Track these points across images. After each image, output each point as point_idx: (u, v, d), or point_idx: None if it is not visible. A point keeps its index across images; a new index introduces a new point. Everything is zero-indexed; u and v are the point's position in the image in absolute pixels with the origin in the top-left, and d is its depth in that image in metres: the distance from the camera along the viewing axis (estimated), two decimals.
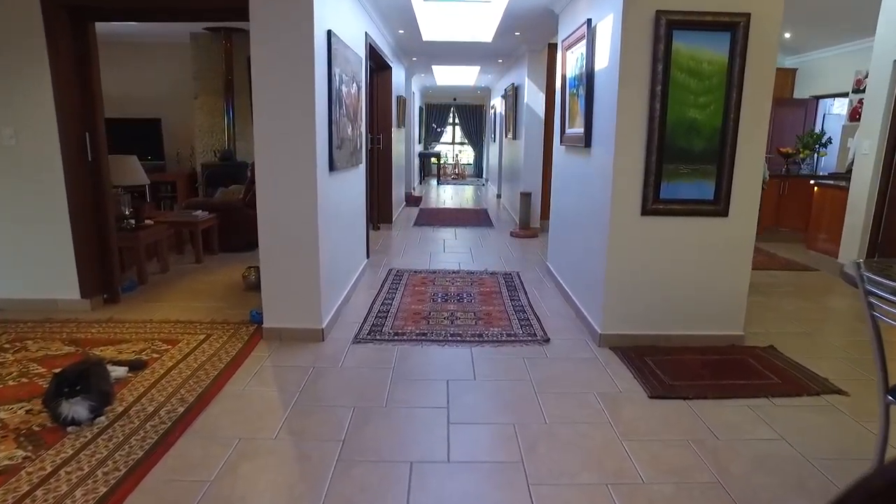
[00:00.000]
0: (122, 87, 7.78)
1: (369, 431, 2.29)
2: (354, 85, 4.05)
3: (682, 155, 3.04)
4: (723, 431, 2.33)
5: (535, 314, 3.81)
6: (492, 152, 13.56)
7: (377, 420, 2.39)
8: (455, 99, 15.45)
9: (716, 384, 2.76)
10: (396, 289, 4.39)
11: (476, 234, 6.87)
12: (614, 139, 3.04)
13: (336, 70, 3.39)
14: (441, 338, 3.34)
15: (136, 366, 2.79)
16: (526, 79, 6.81)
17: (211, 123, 7.45)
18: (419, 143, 13.81)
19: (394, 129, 7.18)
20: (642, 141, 3.03)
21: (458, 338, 3.34)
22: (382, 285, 4.49)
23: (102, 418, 2.28)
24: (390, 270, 4.96)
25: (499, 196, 10.95)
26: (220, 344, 3.18)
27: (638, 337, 3.24)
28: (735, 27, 2.89)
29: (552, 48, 6.60)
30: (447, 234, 6.81)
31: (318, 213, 3.12)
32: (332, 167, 3.38)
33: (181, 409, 2.41)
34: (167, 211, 7.44)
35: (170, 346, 3.13)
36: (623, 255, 3.15)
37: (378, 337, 3.34)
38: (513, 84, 7.81)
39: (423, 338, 3.34)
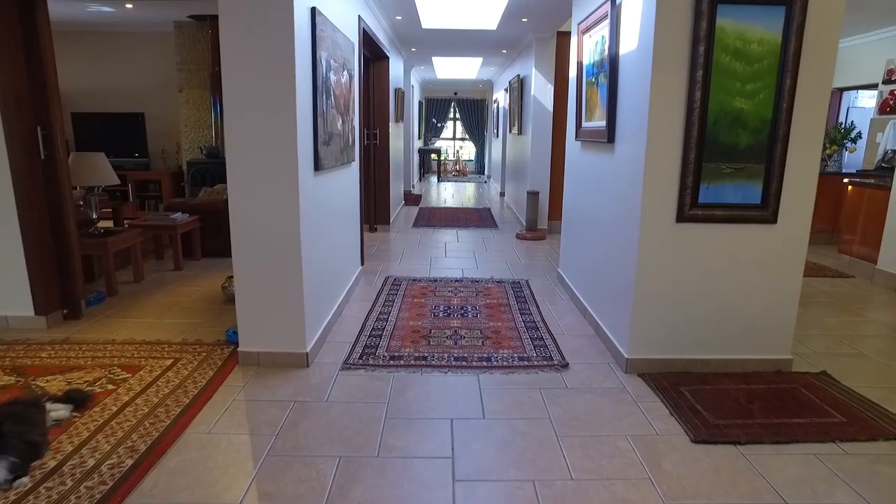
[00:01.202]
0: (103, 80, 7.34)
1: (356, 494, 1.86)
2: (345, 73, 3.60)
3: (726, 152, 2.60)
4: (791, 492, 1.90)
5: (549, 331, 3.38)
6: (494, 148, 13.10)
7: (367, 476, 1.96)
8: (456, 93, 14.98)
9: (769, 423, 2.33)
10: (393, 301, 3.96)
11: (479, 237, 6.43)
12: (645, 134, 2.60)
13: (322, 54, 2.95)
14: (444, 362, 2.91)
15: (80, 401, 2.35)
16: (533, 69, 6.36)
17: (197, 118, 7.00)
18: (419, 138, 13.35)
19: (391, 124, 6.73)
20: (678, 136, 2.59)
21: (464, 362, 2.91)
22: (378, 296, 4.06)
23: (25, 479, 1.84)
24: (387, 279, 4.53)
25: (502, 194, 10.51)
26: (188, 371, 2.75)
27: (670, 362, 2.81)
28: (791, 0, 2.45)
29: (562, 36, 6.16)
30: (449, 237, 6.37)
31: (300, 220, 2.69)
32: (317, 166, 2.94)
33: (129, 463, 1.98)
34: (149, 212, 7.01)
35: (130, 374, 2.70)
36: (654, 267, 2.72)
37: (371, 361, 2.91)
38: (518, 76, 7.36)
39: (423, 362, 2.91)
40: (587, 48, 3.61)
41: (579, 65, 3.77)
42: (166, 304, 3.82)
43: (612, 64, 3.05)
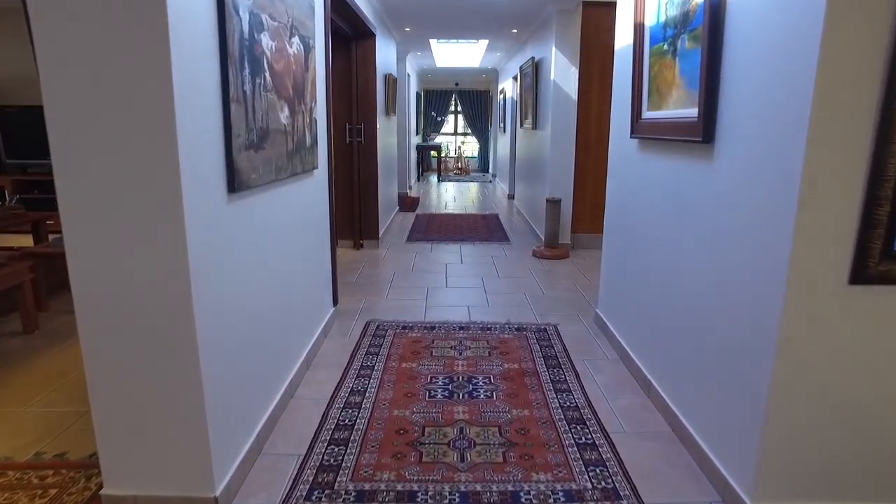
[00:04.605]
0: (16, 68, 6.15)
1: None
2: (296, 41, 2.44)
3: None
4: None
5: (602, 428, 2.23)
6: (500, 144, 11.92)
7: None
8: (457, 84, 13.79)
9: None
10: (373, 365, 2.81)
11: (488, 255, 5.26)
12: (805, 132, 1.43)
13: (242, 2, 1.79)
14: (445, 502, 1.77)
15: None
16: (553, 49, 5.18)
17: None
18: (416, 134, 12.18)
19: (380, 117, 5.56)
20: (865, 138, 1.43)
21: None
22: (353, 357, 2.91)
23: None
24: (368, 324, 3.37)
25: (511, 196, 9.34)
26: None
27: None
28: None
29: (589, 7, 4.97)
30: (450, 256, 5.21)
31: (193, 282, 1.54)
32: (235, 184, 1.79)
33: None
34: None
35: None
36: (808, 357, 1.57)
37: None
38: (532, 59, 6.18)
39: None
40: (652, 1, 2.44)
41: (638, 28, 2.59)
42: (47, 374, 2.68)
43: (712, 15, 1.88)
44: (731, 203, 1.82)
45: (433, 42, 8.17)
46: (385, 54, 5.99)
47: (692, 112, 2.04)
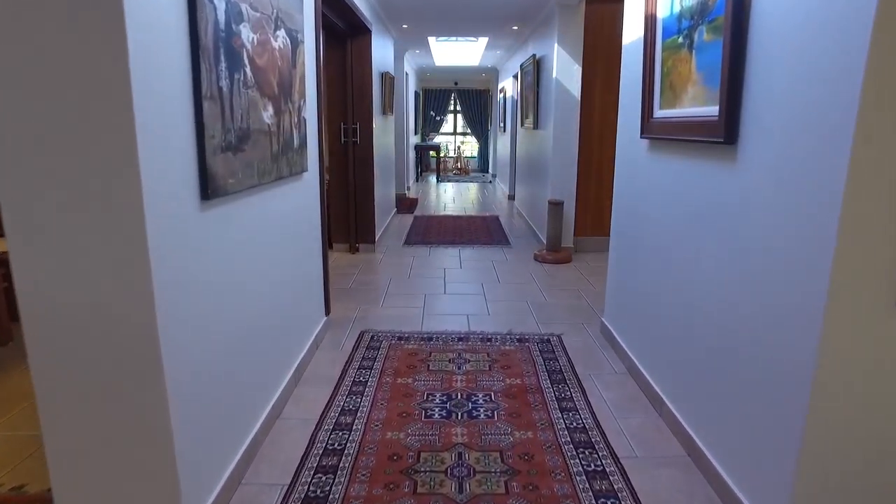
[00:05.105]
0: None
1: None
2: (282, 35, 2.26)
3: None
4: None
5: (613, 453, 2.06)
6: (500, 144, 11.75)
7: None
8: (456, 83, 13.62)
9: None
10: (366, 381, 2.63)
11: (488, 258, 5.09)
12: (851, 134, 1.26)
13: None
14: None
15: None
16: (555, 46, 5.01)
17: None
18: (415, 133, 12.00)
19: (377, 117, 5.39)
20: None
21: None
22: (345, 371, 2.74)
23: None
24: (362, 335, 3.20)
25: (511, 197, 9.16)
26: None
27: None
28: None
29: (592, 2, 4.80)
30: (449, 260, 5.03)
31: (156, 302, 1.37)
32: (209, 191, 1.61)
33: None
34: None
35: None
36: (850, 387, 1.39)
37: None
38: (533, 56, 6.01)
39: None
40: None
41: (649, 19, 2.42)
42: (15, 393, 2.50)
43: (735, 2, 1.71)
44: (757, 209, 1.64)
45: (432, 40, 8.00)
46: (382, 52, 5.82)
47: (712, 110, 1.87)
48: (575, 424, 2.26)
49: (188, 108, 1.52)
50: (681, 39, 2.15)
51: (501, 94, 10.91)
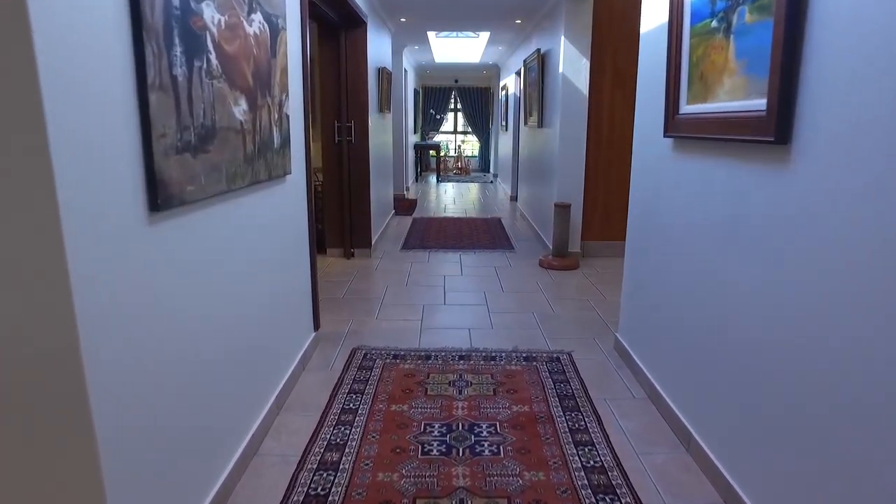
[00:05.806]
0: None
1: None
2: (257, 19, 1.99)
3: None
4: None
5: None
6: (501, 143, 11.47)
7: None
8: (457, 80, 13.33)
9: None
10: (356, 410, 2.36)
11: (491, 264, 4.81)
12: None
13: None
14: None
15: None
16: (562, 39, 4.72)
17: None
18: (414, 132, 11.72)
19: (373, 115, 5.11)
20: None
21: None
22: (334, 395, 2.46)
23: None
24: (353, 353, 2.93)
25: (513, 198, 8.88)
26: None
27: None
28: None
29: None
30: (449, 267, 4.76)
31: (81, 339, 1.09)
32: (160, 200, 1.34)
33: None
34: None
35: None
36: None
37: None
38: (538, 51, 5.72)
39: None
40: None
41: (675, 3, 2.14)
42: None
43: None
44: (816, 219, 1.37)
45: (431, 35, 7.73)
46: (378, 46, 5.54)
47: (758, 104, 1.59)
48: (592, 463, 1.99)
49: (130, 102, 1.24)
50: (714, 23, 1.87)
51: (503, 92, 10.63)
